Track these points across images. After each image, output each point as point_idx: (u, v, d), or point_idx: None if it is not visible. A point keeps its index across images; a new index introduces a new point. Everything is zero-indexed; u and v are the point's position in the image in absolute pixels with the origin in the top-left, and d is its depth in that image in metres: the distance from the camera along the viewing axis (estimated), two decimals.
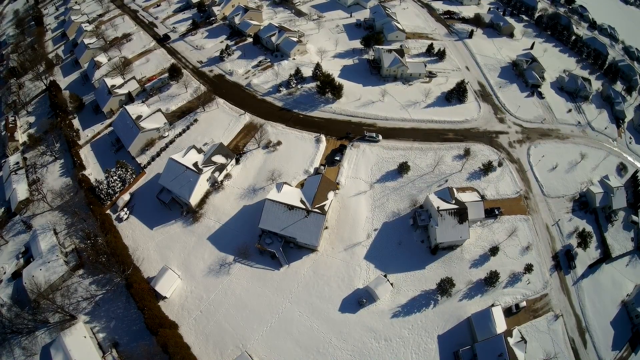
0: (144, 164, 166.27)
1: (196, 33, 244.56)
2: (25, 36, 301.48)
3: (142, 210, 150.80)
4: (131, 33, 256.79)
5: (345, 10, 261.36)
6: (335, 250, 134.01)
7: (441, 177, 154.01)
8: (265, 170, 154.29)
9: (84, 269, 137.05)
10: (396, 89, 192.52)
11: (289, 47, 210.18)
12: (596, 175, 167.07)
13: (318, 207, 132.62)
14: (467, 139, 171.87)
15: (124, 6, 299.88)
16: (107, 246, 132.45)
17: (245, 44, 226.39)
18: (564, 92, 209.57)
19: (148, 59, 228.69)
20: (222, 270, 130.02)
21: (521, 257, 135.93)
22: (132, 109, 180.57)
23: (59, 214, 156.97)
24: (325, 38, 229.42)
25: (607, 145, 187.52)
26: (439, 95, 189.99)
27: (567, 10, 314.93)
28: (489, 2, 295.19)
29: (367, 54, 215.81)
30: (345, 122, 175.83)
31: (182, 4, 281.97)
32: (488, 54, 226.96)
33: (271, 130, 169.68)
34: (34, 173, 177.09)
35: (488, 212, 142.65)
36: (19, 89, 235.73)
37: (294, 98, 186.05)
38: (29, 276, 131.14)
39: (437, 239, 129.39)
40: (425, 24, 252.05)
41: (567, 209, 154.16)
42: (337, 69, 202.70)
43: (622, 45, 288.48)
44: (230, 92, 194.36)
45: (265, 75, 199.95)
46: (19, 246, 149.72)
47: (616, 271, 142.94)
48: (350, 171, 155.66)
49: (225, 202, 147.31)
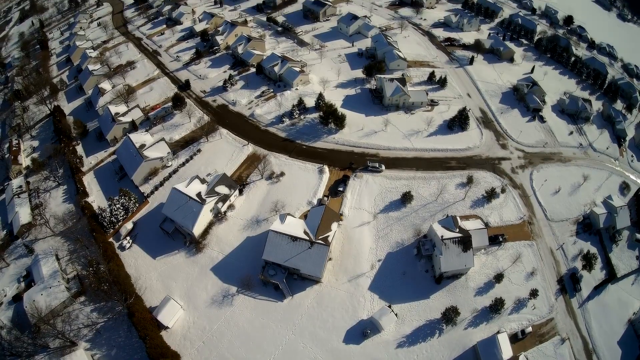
0: (147, 193, 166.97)
1: (200, 62, 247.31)
2: (30, 59, 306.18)
3: (145, 240, 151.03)
4: (135, 61, 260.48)
5: (347, 39, 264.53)
6: (339, 281, 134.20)
7: (445, 206, 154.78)
8: (269, 201, 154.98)
9: (86, 295, 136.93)
10: (398, 118, 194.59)
11: (291, 77, 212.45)
12: (599, 196, 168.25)
13: (322, 238, 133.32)
14: (469, 166, 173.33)
15: (128, 33, 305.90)
16: (110, 274, 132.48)
17: (248, 73, 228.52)
18: (565, 115, 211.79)
19: (152, 87, 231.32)
20: (225, 301, 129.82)
21: (526, 283, 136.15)
22: (136, 137, 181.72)
23: (61, 240, 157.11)
24: (328, 68, 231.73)
25: (609, 165, 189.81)
26: (441, 123, 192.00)
27: (566, 32, 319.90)
28: (489, 28, 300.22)
29: (369, 83, 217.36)
30: (348, 152, 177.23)
31: (185, 33, 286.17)
32: (489, 80, 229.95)
33: (274, 161, 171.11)
34: (36, 197, 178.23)
35: (492, 239, 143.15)
36: (23, 112, 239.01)
37: (297, 128, 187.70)
38: (29, 300, 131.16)
39: (442, 268, 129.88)
40: (426, 51, 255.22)
41: (571, 232, 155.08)
42: (340, 98, 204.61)
43: (621, 63, 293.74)
44: (233, 123, 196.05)
45: (268, 106, 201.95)
46: (20, 270, 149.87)
47: (622, 291, 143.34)
48: (353, 202, 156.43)
49: (229, 233, 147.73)
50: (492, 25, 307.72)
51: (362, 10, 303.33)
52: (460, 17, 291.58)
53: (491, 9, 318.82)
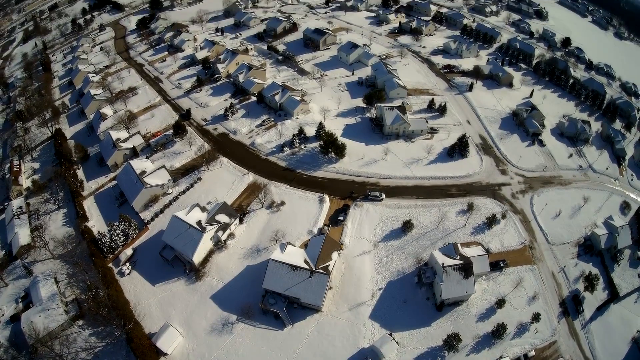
0: (147, 219, 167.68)
1: (201, 90, 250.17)
2: (32, 80, 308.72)
3: (145, 266, 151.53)
4: (137, 87, 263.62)
5: (347, 68, 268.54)
6: (340, 310, 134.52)
7: (445, 234, 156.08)
8: (269, 230, 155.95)
9: (84, 319, 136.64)
10: (398, 146, 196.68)
11: (292, 106, 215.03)
12: (600, 217, 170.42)
13: (322, 267, 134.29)
14: (470, 193, 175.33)
15: (130, 59, 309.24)
16: (109, 299, 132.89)
17: (249, 102, 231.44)
18: (565, 137, 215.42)
19: (153, 114, 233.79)
20: (224, 330, 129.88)
21: (528, 307, 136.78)
22: (137, 164, 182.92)
23: (60, 263, 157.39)
24: (328, 96, 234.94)
25: (609, 186, 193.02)
26: (441, 150, 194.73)
27: (563, 54, 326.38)
28: (488, 53, 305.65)
29: (369, 112, 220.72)
30: (348, 181, 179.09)
31: (187, 60, 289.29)
32: (488, 106, 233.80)
33: (275, 190, 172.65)
34: (36, 219, 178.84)
35: (493, 265, 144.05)
36: (24, 133, 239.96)
37: (298, 158, 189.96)
38: (27, 321, 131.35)
39: (443, 295, 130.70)
40: (426, 79, 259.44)
41: (572, 255, 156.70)
42: (340, 127, 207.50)
43: (619, 82, 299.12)
44: (234, 151, 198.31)
45: (269, 135, 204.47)
46: (18, 290, 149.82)
47: (625, 309, 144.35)
48: (354, 231, 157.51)
49: (229, 261, 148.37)
50: (491, 50, 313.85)
51: (362, 39, 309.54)
52: (459, 43, 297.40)
53: (489, 35, 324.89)
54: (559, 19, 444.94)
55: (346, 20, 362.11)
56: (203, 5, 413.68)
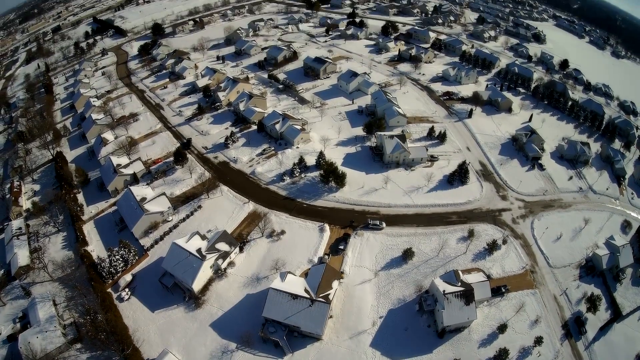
0: (147, 246, 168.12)
1: (201, 118, 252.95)
2: (34, 102, 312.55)
3: (144, 292, 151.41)
4: (138, 113, 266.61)
5: (347, 96, 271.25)
6: (340, 338, 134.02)
7: (446, 261, 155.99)
8: (269, 259, 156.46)
9: (82, 343, 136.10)
10: (399, 175, 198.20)
11: (292, 135, 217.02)
12: (601, 237, 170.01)
13: (322, 296, 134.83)
14: (470, 220, 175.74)
15: (132, 85, 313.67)
16: (107, 324, 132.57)
17: (249, 131, 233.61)
18: (564, 160, 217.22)
19: (154, 140, 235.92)
20: (224, 357, 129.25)
21: (530, 331, 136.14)
22: (137, 190, 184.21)
23: (59, 286, 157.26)
24: (328, 125, 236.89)
25: (609, 206, 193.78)
26: (441, 178, 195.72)
27: (562, 76, 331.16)
28: (487, 79, 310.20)
29: (369, 141, 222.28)
30: (348, 210, 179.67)
31: (188, 88, 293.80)
32: (488, 132, 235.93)
33: (275, 219, 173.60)
34: (36, 241, 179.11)
35: (494, 291, 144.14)
36: (25, 154, 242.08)
37: (298, 187, 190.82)
38: (25, 342, 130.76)
39: (444, 322, 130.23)
40: (425, 106, 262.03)
41: (574, 277, 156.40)
42: (340, 156, 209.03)
43: (617, 102, 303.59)
44: (234, 180, 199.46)
45: (269, 164, 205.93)
46: (16, 310, 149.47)
47: (628, 328, 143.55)
48: (354, 260, 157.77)
49: (229, 289, 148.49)
50: (490, 75, 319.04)
51: (362, 67, 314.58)
52: (458, 70, 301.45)
53: (488, 60, 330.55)
54: (556, 41, 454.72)
55: (346, 48, 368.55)
56: (204, 33, 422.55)
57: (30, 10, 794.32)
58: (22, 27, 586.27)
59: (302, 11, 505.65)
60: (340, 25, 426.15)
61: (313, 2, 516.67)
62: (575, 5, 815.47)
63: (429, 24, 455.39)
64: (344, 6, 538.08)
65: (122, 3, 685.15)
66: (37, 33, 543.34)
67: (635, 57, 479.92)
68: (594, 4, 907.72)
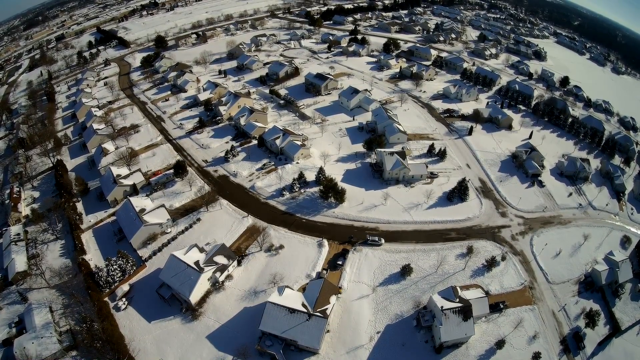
0: (145, 257, 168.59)
1: (202, 131, 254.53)
2: (36, 109, 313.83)
3: (141, 303, 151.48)
4: (139, 125, 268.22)
5: (348, 113, 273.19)
6: (337, 353, 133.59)
7: (444, 277, 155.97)
8: (267, 273, 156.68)
9: (78, 350, 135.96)
10: (398, 191, 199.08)
11: (293, 150, 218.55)
12: (600, 253, 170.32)
13: (320, 310, 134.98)
14: (469, 236, 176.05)
15: (133, 96, 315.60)
16: (103, 332, 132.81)
17: (250, 145, 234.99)
18: (564, 177, 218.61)
19: (154, 152, 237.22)
20: None
21: (528, 347, 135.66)
22: (136, 201, 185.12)
23: (56, 293, 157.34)
24: (329, 142, 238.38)
25: (609, 222, 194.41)
26: (441, 195, 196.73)
27: (562, 93, 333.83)
28: (487, 96, 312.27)
29: (369, 157, 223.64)
30: (347, 226, 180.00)
31: (189, 101, 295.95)
32: (488, 149, 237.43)
33: (274, 234, 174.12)
34: (34, 248, 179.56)
35: (493, 307, 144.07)
36: (26, 161, 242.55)
37: (297, 202, 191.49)
38: (20, 347, 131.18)
39: (442, 338, 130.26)
40: (425, 124, 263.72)
41: (573, 292, 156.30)
42: (340, 172, 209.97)
43: (617, 118, 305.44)
44: (234, 194, 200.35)
45: (269, 179, 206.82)
46: (12, 315, 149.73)
47: (627, 342, 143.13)
48: (352, 275, 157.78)
49: (226, 302, 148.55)
50: (491, 93, 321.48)
51: (363, 84, 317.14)
52: (459, 87, 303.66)
53: (489, 78, 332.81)
54: (557, 58, 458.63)
55: (348, 65, 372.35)
56: (207, 47, 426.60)
57: (34, 17, 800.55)
58: (26, 33, 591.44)
59: (304, 27, 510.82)
60: (342, 42, 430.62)
61: (315, 19, 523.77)
62: (576, 22, 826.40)
63: (430, 41, 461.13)
64: (346, 23, 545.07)
65: (126, 14, 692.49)
66: (41, 40, 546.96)
67: (636, 73, 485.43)
68: (594, 20, 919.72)
